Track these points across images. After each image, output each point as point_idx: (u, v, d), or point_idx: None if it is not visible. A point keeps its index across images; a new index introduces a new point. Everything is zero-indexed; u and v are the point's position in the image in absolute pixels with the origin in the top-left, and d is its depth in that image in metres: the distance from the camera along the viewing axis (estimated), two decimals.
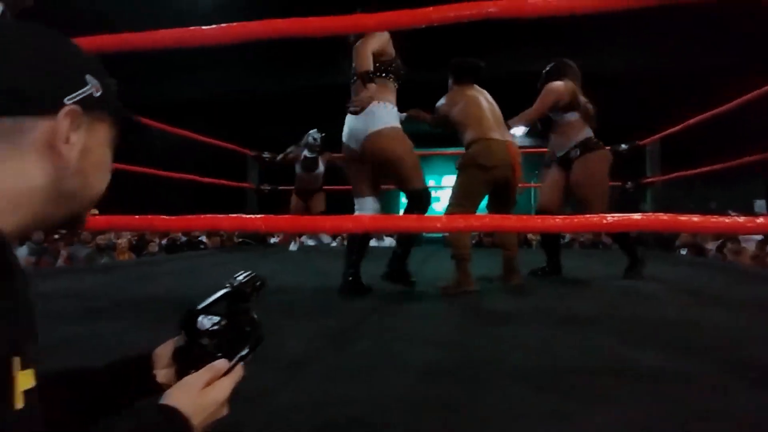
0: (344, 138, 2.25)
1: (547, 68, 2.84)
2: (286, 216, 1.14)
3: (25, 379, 0.40)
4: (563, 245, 6.44)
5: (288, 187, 5.04)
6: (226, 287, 0.62)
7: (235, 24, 1.23)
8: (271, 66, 7.79)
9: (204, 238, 6.12)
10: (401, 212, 2.46)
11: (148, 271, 2.97)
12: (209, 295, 0.61)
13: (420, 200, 2.13)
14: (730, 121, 3.41)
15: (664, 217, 1.01)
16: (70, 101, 0.49)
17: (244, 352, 0.59)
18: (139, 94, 6.41)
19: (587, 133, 2.74)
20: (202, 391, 0.54)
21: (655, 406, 0.95)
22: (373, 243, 7.05)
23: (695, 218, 0.92)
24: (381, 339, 1.45)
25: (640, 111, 6.28)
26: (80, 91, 0.50)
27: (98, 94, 0.52)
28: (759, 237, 5.29)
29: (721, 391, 1.03)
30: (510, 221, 1.25)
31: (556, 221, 1.11)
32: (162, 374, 0.63)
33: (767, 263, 4.49)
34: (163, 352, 0.64)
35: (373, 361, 1.23)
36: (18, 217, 0.46)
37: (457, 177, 2.39)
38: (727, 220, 0.92)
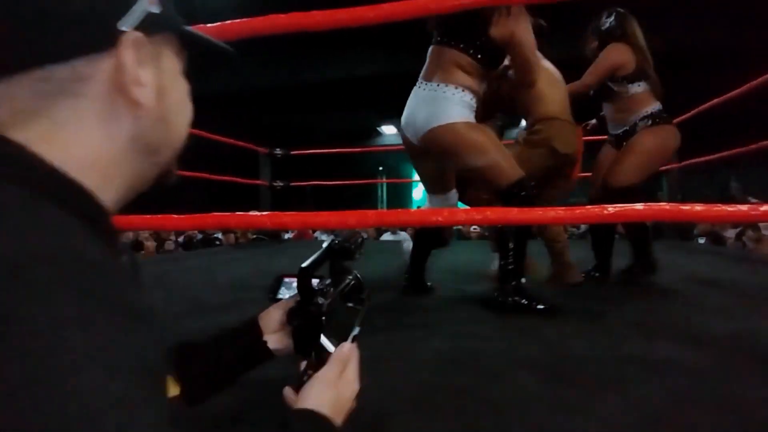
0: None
1: (605, 23, 2.25)
2: (291, 213, 1.17)
3: (172, 386, 0.38)
4: (577, 236, 6.37)
5: (300, 183, 5.10)
6: (330, 243, 0.60)
7: (237, 21, 1.23)
8: (277, 60, 7.82)
9: (220, 235, 6.22)
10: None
11: (167, 269, 3.04)
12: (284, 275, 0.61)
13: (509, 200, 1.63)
14: (749, 104, 3.32)
15: (666, 206, 1.00)
16: (129, 27, 0.36)
17: (356, 331, 0.56)
18: None
19: (657, 106, 2.22)
20: (338, 388, 0.50)
21: (660, 395, 0.95)
22: (387, 236, 7.09)
23: (698, 207, 0.91)
24: (394, 332, 1.47)
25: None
26: (135, 9, 0.37)
27: (156, 8, 0.39)
28: None
29: (727, 381, 1.03)
30: (506, 213, 1.25)
31: (557, 212, 1.11)
32: (273, 339, 0.60)
33: None
34: (270, 317, 0.60)
35: (386, 353, 1.24)
36: (113, 190, 0.38)
37: (518, 154, 1.95)
38: (728, 209, 0.92)
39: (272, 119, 9.59)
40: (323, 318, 0.55)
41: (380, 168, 11.39)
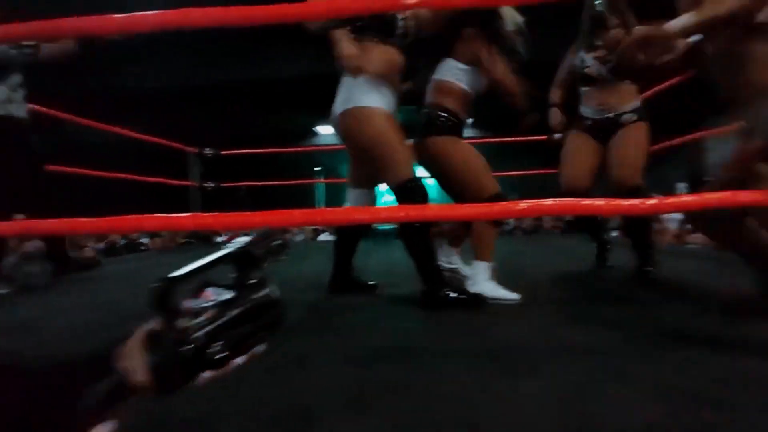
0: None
1: None
2: (215, 214, 1.13)
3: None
4: (506, 232, 6.71)
5: (232, 184, 4.96)
6: (227, 248, 0.45)
7: (148, 13, 1.15)
8: (209, 58, 7.54)
9: (146, 240, 5.88)
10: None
11: (85, 276, 2.84)
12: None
13: (405, 196, 1.70)
14: (654, 107, 3.66)
15: (570, 201, 1.11)
16: None
17: (259, 348, 0.42)
18: (70, 86, 6.05)
19: (639, 98, 2.25)
20: None
21: (578, 377, 1.04)
22: (325, 237, 7.03)
23: (599, 201, 1.02)
24: (325, 331, 1.49)
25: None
26: None
27: None
28: (680, 217, 5.75)
29: (639, 360, 1.14)
30: (424, 210, 1.30)
31: (478, 210, 1.18)
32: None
33: (686, 241, 4.90)
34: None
35: (315, 352, 1.26)
36: None
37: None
38: (623, 203, 1.04)
39: (202, 118, 9.21)
40: (191, 351, 0.38)
41: (317, 168, 11.30)
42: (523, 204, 1.07)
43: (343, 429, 0.85)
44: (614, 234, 5.98)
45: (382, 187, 1.97)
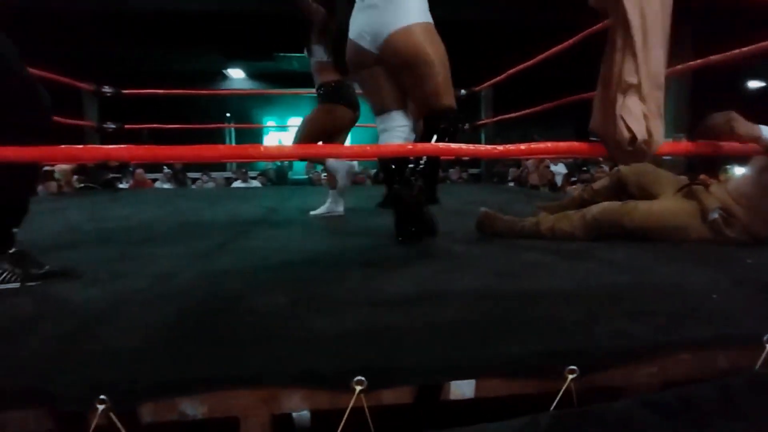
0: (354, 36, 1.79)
1: None
2: (114, 146, 1.14)
3: None
4: None
5: (135, 126, 4.67)
6: None
7: None
8: None
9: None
10: None
11: None
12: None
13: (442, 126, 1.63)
14: (550, 70, 4.08)
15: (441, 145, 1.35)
16: None
17: None
18: None
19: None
20: None
21: (429, 271, 1.32)
22: (238, 184, 6.92)
23: (466, 147, 1.28)
24: (244, 252, 1.64)
25: (476, 60, 7.00)
26: None
27: None
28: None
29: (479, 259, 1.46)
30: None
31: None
32: None
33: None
34: None
35: (239, 265, 1.41)
36: None
37: None
38: (482, 148, 1.31)
39: (98, 51, 8.27)
40: None
41: (227, 114, 10.81)
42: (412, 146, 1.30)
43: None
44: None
45: None
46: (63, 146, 1.11)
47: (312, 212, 2.61)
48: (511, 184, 6.88)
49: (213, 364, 0.84)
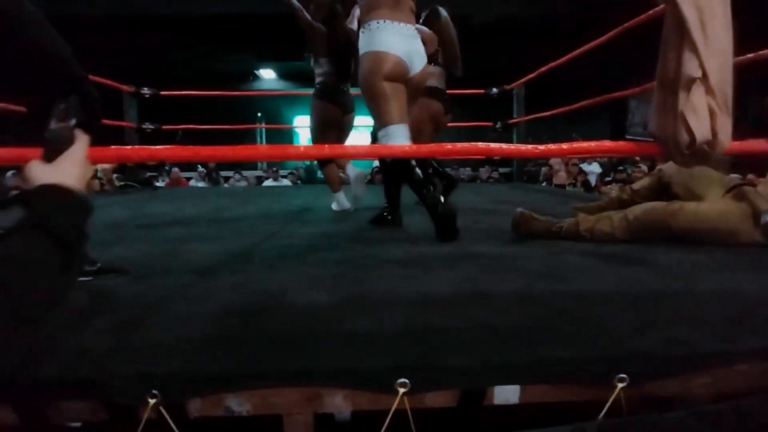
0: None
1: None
2: (160, 147, 1.18)
3: None
4: None
5: (172, 127, 4.82)
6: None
7: None
8: None
9: None
10: None
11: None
12: None
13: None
14: (583, 67, 3.97)
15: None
16: None
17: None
18: None
19: None
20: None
21: (470, 271, 1.30)
22: (269, 183, 7.01)
23: (493, 145, 1.25)
24: (280, 250, 1.66)
25: (508, 58, 6.89)
26: None
27: None
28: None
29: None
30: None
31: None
32: None
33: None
34: None
35: (276, 262, 1.43)
36: None
37: None
38: (511, 147, 1.28)
39: (138, 54, 8.56)
40: None
41: (259, 114, 11.00)
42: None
43: None
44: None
45: None
46: (113, 147, 1.14)
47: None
48: (543, 184, 6.75)
49: (258, 362, 0.85)
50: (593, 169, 7.08)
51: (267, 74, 11.84)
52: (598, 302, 1.03)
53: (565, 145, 1.23)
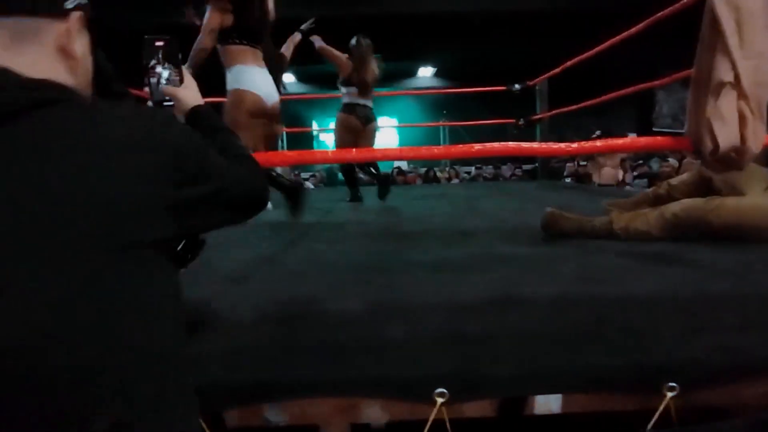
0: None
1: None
2: None
3: None
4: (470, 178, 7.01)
5: None
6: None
7: None
8: None
9: None
10: None
11: None
12: None
13: None
14: (606, 61, 3.87)
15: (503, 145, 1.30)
16: (71, 6, 0.56)
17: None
18: None
19: None
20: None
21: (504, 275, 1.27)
22: None
23: (511, 144, 1.22)
24: (308, 255, 1.66)
25: (529, 53, 6.77)
26: None
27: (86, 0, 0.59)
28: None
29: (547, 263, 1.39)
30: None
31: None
32: None
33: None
34: None
35: (305, 268, 1.43)
36: None
37: None
38: (535, 146, 1.24)
39: None
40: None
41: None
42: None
43: None
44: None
45: None
46: None
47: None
48: (568, 180, 6.61)
49: (294, 372, 0.84)
50: None
51: (286, 78, 11.94)
52: (641, 306, 0.99)
53: (599, 142, 1.19)
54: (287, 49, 3.29)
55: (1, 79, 0.49)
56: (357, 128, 3.35)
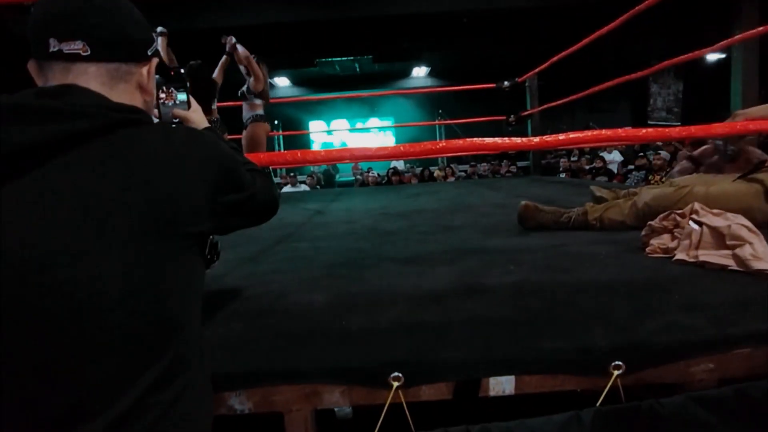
0: None
1: None
2: None
3: None
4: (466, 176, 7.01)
5: None
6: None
7: None
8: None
9: None
10: None
11: None
12: None
13: None
14: (594, 54, 3.89)
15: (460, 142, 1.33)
16: (151, 52, 0.73)
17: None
18: None
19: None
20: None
21: (473, 264, 1.30)
22: (287, 189, 7.14)
23: (498, 140, 1.25)
24: (289, 254, 1.70)
25: (523, 50, 6.80)
26: (155, 44, 0.74)
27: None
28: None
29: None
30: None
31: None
32: None
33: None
34: None
35: (283, 266, 1.47)
36: None
37: None
38: (518, 141, 1.27)
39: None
40: None
41: (276, 121, 11.17)
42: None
43: None
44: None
45: None
46: None
47: None
48: (562, 175, 6.63)
49: (257, 361, 0.88)
50: (614, 157, 6.93)
51: (281, 82, 12.01)
52: (597, 291, 1.03)
53: (609, 131, 1.21)
54: (218, 74, 3.87)
55: (101, 102, 0.64)
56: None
